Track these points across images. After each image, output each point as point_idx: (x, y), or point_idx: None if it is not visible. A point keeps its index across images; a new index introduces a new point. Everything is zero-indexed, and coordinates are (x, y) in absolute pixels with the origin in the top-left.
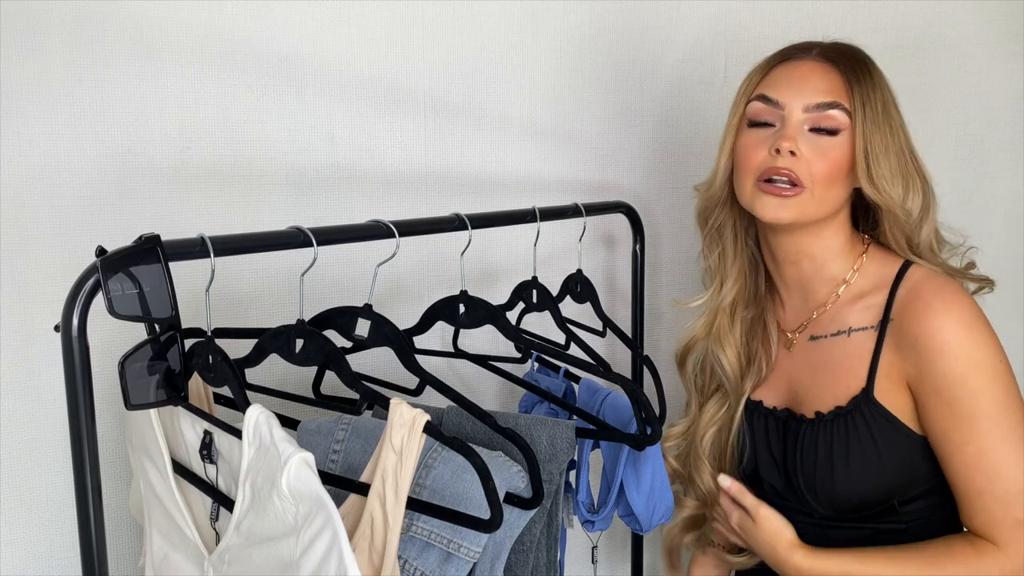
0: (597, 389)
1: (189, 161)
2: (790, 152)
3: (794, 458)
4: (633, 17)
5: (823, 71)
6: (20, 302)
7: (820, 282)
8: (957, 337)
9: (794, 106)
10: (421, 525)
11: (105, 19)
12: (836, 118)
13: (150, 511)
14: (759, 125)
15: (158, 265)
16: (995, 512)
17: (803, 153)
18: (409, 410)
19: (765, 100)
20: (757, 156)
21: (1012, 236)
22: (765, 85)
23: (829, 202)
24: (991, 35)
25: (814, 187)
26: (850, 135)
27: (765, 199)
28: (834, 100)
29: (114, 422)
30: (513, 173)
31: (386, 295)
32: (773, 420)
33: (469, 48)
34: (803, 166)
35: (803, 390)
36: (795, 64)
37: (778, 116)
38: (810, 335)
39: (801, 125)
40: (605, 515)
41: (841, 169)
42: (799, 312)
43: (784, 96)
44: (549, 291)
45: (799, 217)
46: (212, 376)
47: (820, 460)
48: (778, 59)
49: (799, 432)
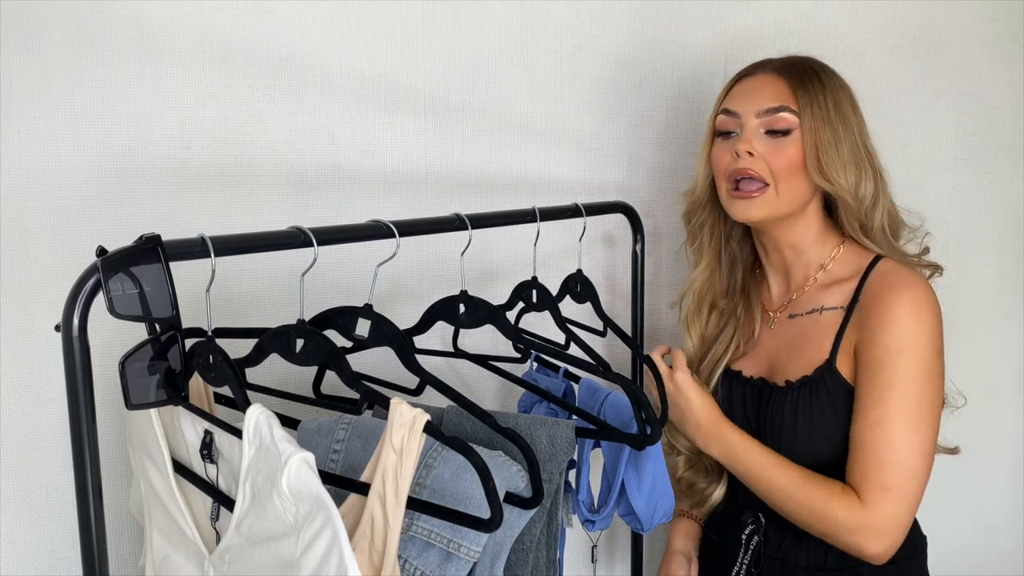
0: (597, 389)
1: (189, 161)
2: (748, 153)
3: (765, 421)
4: (633, 17)
5: (772, 81)
6: (20, 302)
7: (800, 266)
8: (904, 316)
9: (748, 114)
10: (421, 525)
11: (105, 19)
12: (786, 119)
13: (150, 511)
14: (724, 135)
15: (158, 265)
16: (869, 472)
17: (760, 153)
18: (409, 410)
19: (727, 112)
20: (724, 161)
21: (1012, 236)
22: (727, 100)
23: (792, 195)
24: (991, 35)
25: (776, 183)
26: (801, 133)
27: (736, 202)
28: (781, 104)
29: (114, 422)
30: (513, 173)
31: (386, 295)
32: (749, 388)
33: (469, 48)
34: (761, 164)
35: (778, 362)
36: (750, 79)
37: (737, 124)
38: (789, 314)
39: (756, 129)
40: (606, 515)
41: (796, 164)
42: (782, 293)
43: (740, 107)
44: (549, 291)
45: (769, 214)
46: (212, 376)
47: (786, 422)
48: (738, 78)
49: (771, 398)
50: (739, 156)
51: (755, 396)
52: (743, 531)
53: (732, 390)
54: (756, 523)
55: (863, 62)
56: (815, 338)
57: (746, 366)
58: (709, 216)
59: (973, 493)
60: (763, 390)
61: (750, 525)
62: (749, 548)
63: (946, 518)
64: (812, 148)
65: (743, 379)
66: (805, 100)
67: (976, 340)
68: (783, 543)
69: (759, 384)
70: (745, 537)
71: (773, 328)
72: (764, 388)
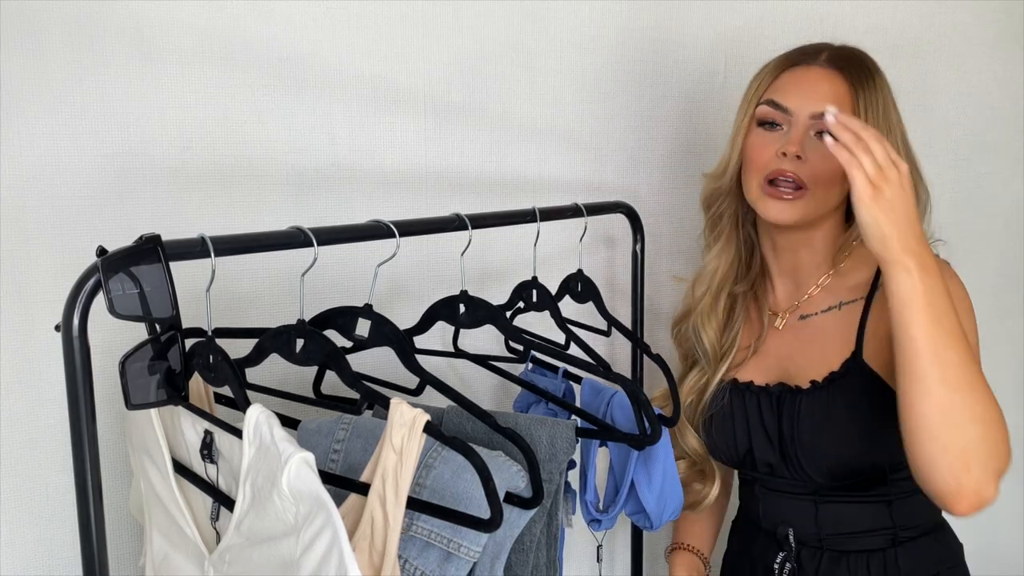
0: (601, 389)
1: (189, 161)
2: (796, 156)
3: (791, 428)
4: (633, 17)
5: (829, 78)
6: (20, 302)
7: (814, 267)
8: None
9: (801, 112)
10: (421, 525)
11: (105, 19)
12: None
13: (150, 511)
14: (767, 126)
15: (159, 265)
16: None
17: (808, 157)
18: (409, 410)
19: (774, 105)
20: (764, 156)
21: (1012, 236)
22: (774, 90)
23: (829, 202)
24: (991, 35)
25: (816, 189)
26: None
27: (769, 202)
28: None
29: (114, 422)
30: (513, 173)
31: (386, 295)
32: (766, 396)
33: (469, 48)
34: (807, 169)
35: (794, 365)
36: (803, 70)
37: (785, 120)
38: (800, 314)
39: (807, 131)
40: (614, 514)
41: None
42: (791, 295)
43: (792, 102)
44: (549, 291)
45: (802, 218)
46: (213, 376)
47: (816, 425)
48: (787, 63)
49: (795, 402)
50: (785, 156)
51: (774, 404)
52: (774, 560)
53: (746, 402)
54: (787, 548)
55: None
56: (837, 333)
57: (755, 375)
58: (731, 204)
59: None
60: (782, 396)
61: (781, 552)
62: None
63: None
64: None
65: (755, 389)
66: (862, 104)
67: None
68: (820, 567)
69: (777, 391)
70: (777, 566)
71: (782, 331)
72: (784, 394)
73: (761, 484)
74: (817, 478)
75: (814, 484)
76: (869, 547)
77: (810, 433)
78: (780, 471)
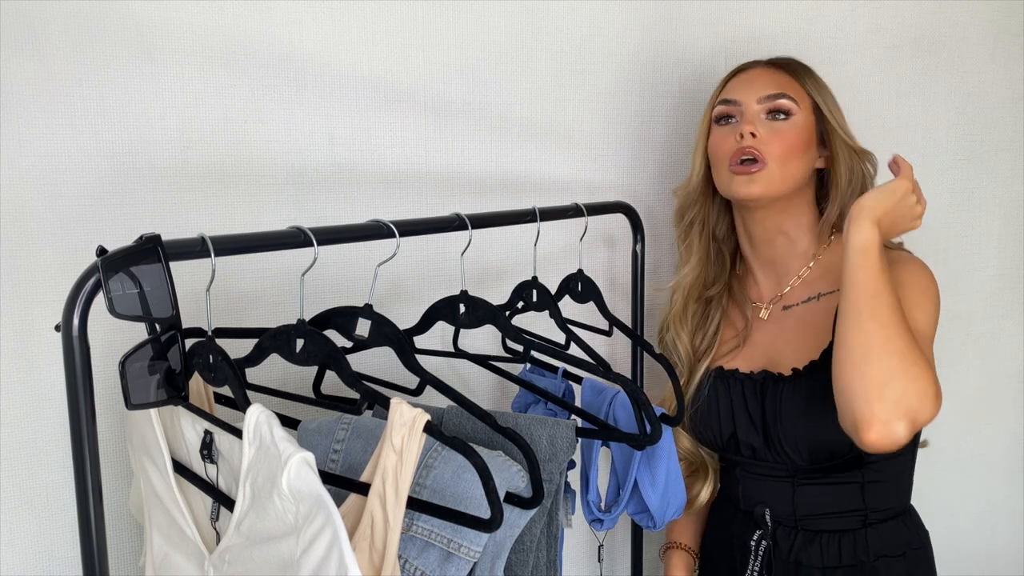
0: (603, 389)
1: (190, 161)
2: (751, 134)
3: (774, 412)
4: (633, 17)
5: (770, 72)
6: (20, 302)
7: (793, 258)
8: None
9: (749, 100)
10: (421, 524)
11: (105, 19)
12: (786, 104)
13: (150, 511)
14: (723, 121)
15: (159, 265)
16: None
17: (761, 134)
18: (409, 410)
19: (725, 102)
20: (725, 146)
21: (1012, 236)
22: (725, 92)
23: (790, 177)
24: (991, 35)
25: (776, 163)
26: (803, 118)
27: (737, 179)
28: (781, 91)
29: (114, 422)
30: (513, 173)
31: (386, 295)
32: (750, 383)
33: (469, 48)
34: (763, 145)
35: (778, 354)
36: (747, 72)
37: (738, 111)
38: (783, 305)
39: (757, 114)
40: (616, 514)
41: (796, 146)
42: (772, 286)
43: (740, 95)
44: (549, 291)
45: (766, 190)
46: (213, 376)
47: (798, 411)
48: (733, 72)
49: (778, 389)
50: (742, 137)
51: (757, 390)
52: (750, 537)
53: (730, 388)
54: (764, 527)
55: (863, 62)
56: (817, 323)
57: (742, 364)
58: (700, 210)
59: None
60: (765, 383)
61: (758, 530)
62: (759, 554)
63: (946, 517)
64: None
65: (740, 376)
66: (813, 88)
67: (976, 340)
68: (794, 544)
69: (760, 378)
70: (754, 543)
71: (767, 321)
72: (767, 380)
73: (742, 468)
74: (798, 460)
75: (794, 467)
76: (841, 527)
77: (792, 418)
78: (763, 454)
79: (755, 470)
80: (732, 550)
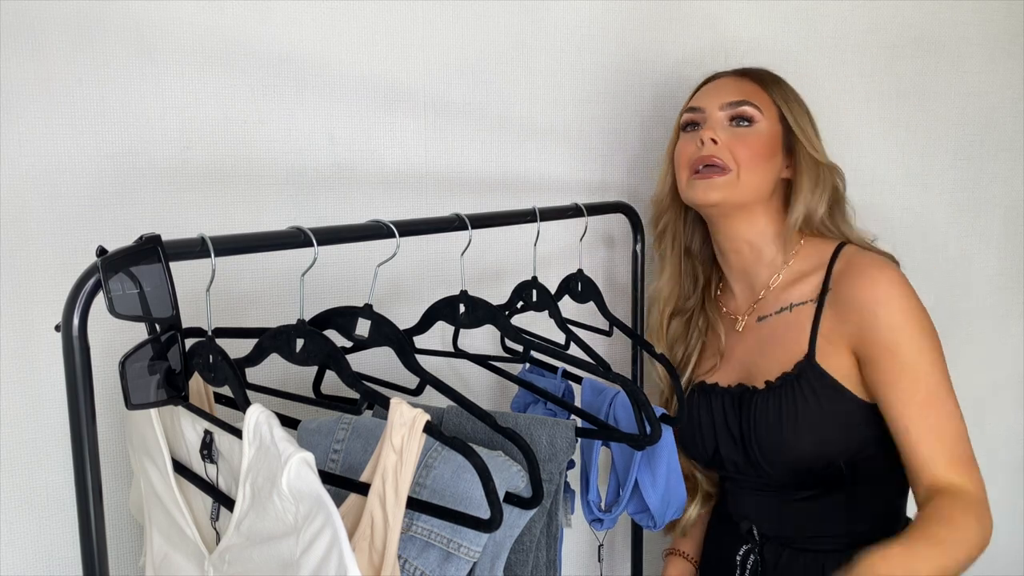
0: (603, 389)
1: (189, 161)
2: (712, 140)
3: (749, 426)
4: (633, 17)
5: (734, 80)
6: (20, 302)
7: (761, 266)
8: (892, 292)
9: (712, 106)
10: (421, 525)
11: (105, 19)
12: (748, 111)
13: (150, 511)
14: (689, 128)
15: (159, 265)
16: (956, 448)
17: (723, 141)
18: (409, 410)
19: (691, 110)
20: (687, 152)
21: (1012, 236)
22: (692, 101)
23: (753, 185)
24: (991, 35)
25: (738, 169)
26: (766, 126)
27: (696, 185)
28: (744, 98)
29: (114, 422)
30: (513, 173)
31: (386, 295)
32: (728, 397)
33: (469, 48)
34: (725, 152)
35: (754, 366)
36: (713, 82)
37: (701, 117)
38: (757, 316)
39: (720, 120)
40: (617, 514)
41: (759, 154)
42: (747, 297)
43: (704, 102)
44: (549, 291)
45: (727, 197)
46: (212, 376)
47: (771, 424)
48: (700, 84)
49: (752, 402)
50: (703, 144)
51: (734, 403)
52: (737, 551)
53: (711, 402)
54: (751, 542)
55: (863, 62)
56: (789, 335)
57: (720, 378)
58: (671, 218)
59: None
60: (742, 396)
61: (744, 545)
62: (746, 569)
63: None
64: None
65: (720, 390)
66: (777, 93)
67: (976, 340)
68: (780, 561)
69: (737, 391)
70: (740, 557)
71: (742, 333)
72: (743, 393)
73: (732, 482)
74: (775, 474)
75: (778, 482)
76: (829, 547)
77: (766, 431)
78: (745, 469)
79: (743, 484)
80: (723, 563)
